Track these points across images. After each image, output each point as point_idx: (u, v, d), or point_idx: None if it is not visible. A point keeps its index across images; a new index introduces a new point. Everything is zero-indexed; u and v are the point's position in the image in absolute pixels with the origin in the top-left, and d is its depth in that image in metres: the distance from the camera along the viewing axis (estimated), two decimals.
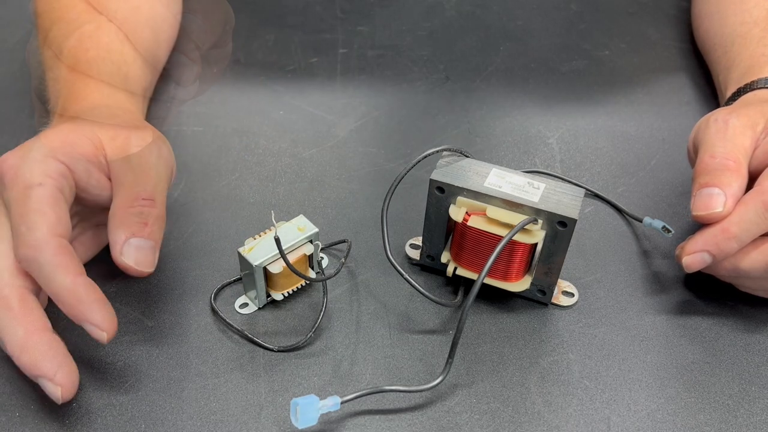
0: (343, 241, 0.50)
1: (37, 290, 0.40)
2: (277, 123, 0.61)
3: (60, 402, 0.37)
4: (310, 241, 0.45)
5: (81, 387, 0.41)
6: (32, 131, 0.59)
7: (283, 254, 0.40)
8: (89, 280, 0.38)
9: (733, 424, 0.41)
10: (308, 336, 0.44)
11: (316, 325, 0.44)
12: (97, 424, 0.39)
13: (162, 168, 0.43)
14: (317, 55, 0.69)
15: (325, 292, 0.45)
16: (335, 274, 0.45)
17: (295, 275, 0.43)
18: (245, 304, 0.46)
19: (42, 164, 0.39)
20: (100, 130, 0.43)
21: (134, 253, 0.39)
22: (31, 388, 0.41)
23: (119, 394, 0.41)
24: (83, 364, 0.42)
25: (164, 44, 0.63)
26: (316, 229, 0.45)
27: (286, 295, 0.46)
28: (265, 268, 0.43)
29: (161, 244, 0.41)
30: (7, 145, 0.57)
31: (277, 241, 0.39)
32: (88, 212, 0.45)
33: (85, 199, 0.42)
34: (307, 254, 0.45)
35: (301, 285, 0.47)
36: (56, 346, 0.37)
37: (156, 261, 0.40)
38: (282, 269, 0.43)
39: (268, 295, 0.46)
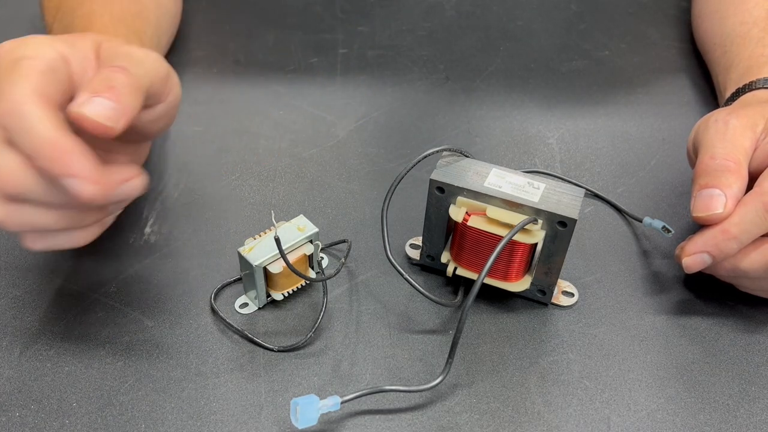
0: (343, 241, 0.50)
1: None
2: (277, 123, 0.61)
3: (94, 201, 0.35)
4: (310, 241, 0.45)
5: (81, 387, 0.41)
6: None
7: (283, 254, 0.40)
8: (75, 136, 0.35)
9: (733, 424, 0.41)
10: (308, 336, 0.44)
11: (316, 325, 0.44)
12: (97, 424, 0.39)
13: (150, 61, 0.40)
14: (317, 55, 0.69)
15: (325, 292, 0.45)
16: (335, 274, 0.45)
17: (295, 275, 0.43)
18: (245, 304, 0.46)
19: (38, 46, 0.37)
20: (100, 36, 0.40)
21: (94, 107, 0.35)
22: (31, 388, 0.41)
23: (119, 394, 0.41)
24: (83, 365, 0.42)
25: (165, 34, 0.63)
26: (316, 229, 0.45)
27: (286, 295, 0.46)
28: (265, 268, 0.43)
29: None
30: None
31: (277, 241, 0.39)
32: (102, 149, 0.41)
33: None
34: (307, 254, 0.45)
35: (301, 285, 0.47)
36: (84, 148, 0.35)
37: (122, 125, 0.35)
38: (282, 269, 0.43)
39: (268, 295, 0.46)
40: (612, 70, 0.69)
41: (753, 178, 0.44)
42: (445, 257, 0.47)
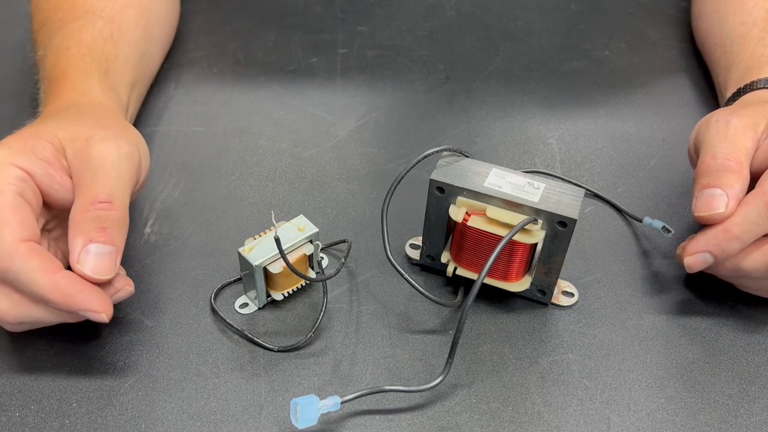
0: (343, 241, 0.50)
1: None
2: (277, 123, 0.61)
3: (104, 322, 0.38)
4: (310, 241, 0.45)
5: (81, 387, 0.41)
6: None
7: (283, 254, 0.40)
8: (68, 272, 0.37)
9: (733, 424, 0.41)
10: (308, 336, 0.44)
11: (316, 325, 0.44)
12: (97, 424, 0.39)
13: (124, 167, 0.41)
14: (317, 55, 0.69)
15: (325, 292, 0.45)
16: (335, 274, 0.45)
17: (295, 275, 0.43)
18: (245, 304, 0.46)
19: (0, 172, 0.39)
20: (60, 132, 0.41)
21: (92, 260, 0.38)
22: (30, 388, 0.41)
23: (119, 394, 0.41)
24: (83, 365, 0.42)
25: (157, 40, 0.63)
26: (316, 229, 0.45)
27: (286, 295, 0.46)
28: (265, 268, 0.43)
29: (124, 248, 0.40)
30: None
31: (277, 241, 0.39)
32: (65, 215, 0.43)
33: (52, 203, 0.41)
34: (307, 254, 0.45)
35: (301, 285, 0.47)
36: (81, 280, 0.38)
37: (116, 266, 0.39)
38: (282, 269, 0.43)
39: (268, 295, 0.46)
40: (612, 70, 0.69)
41: (754, 178, 0.44)
42: (445, 257, 0.47)
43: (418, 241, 0.50)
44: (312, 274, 0.46)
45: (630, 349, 0.45)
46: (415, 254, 0.50)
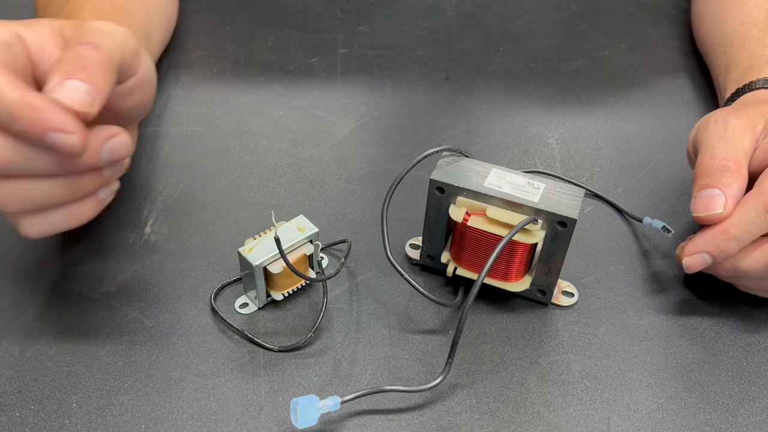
0: (343, 241, 0.50)
1: None
2: (277, 123, 0.61)
3: (79, 149, 0.34)
4: (310, 241, 0.45)
5: (81, 387, 0.41)
6: None
7: (283, 254, 0.40)
8: (43, 93, 0.34)
9: (733, 424, 0.41)
10: (308, 336, 0.44)
11: (316, 325, 0.44)
12: (97, 424, 0.39)
13: (119, 33, 0.38)
14: (317, 55, 0.69)
15: (325, 292, 0.45)
16: (335, 274, 0.45)
17: (295, 275, 0.43)
18: (245, 304, 0.46)
19: None
20: (62, 21, 0.39)
21: (67, 92, 0.34)
22: (30, 388, 0.41)
23: (119, 394, 0.41)
24: (83, 365, 0.42)
25: (158, 28, 0.62)
26: (316, 229, 0.45)
27: (286, 295, 0.46)
28: (265, 268, 0.43)
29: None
30: None
31: (277, 241, 0.39)
32: None
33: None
34: (307, 254, 0.45)
35: (301, 285, 0.47)
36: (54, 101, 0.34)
37: (97, 107, 0.35)
38: (282, 269, 0.43)
39: (268, 295, 0.46)
40: (612, 70, 0.69)
41: (753, 178, 0.44)
42: (445, 257, 0.47)
43: (418, 241, 0.50)
44: (312, 274, 0.46)
45: (630, 349, 0.45)
46: (415, 254, 0.50)
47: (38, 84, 0.39)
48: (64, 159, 0.35)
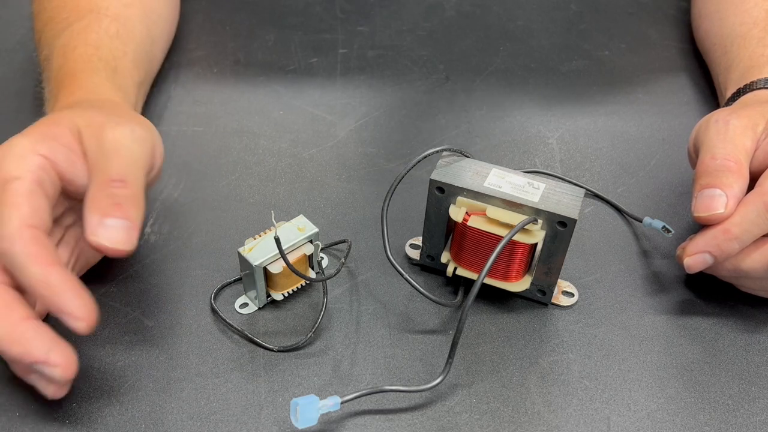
0: (343, 241, 0.50)
1: (19, 285, 0.38)
2: (277, 123, 0.61)
3: (62, 382, 0.37)
4: (310, 241, 0.45)
5: (81, 387, 0.41)
6: None
7: (283, 254, 0.40)
8: (64, 270, 0.37)
9: (733, 424, 0.41)
10: (308, 336, 0.44)
11: (316, 325, 0.44)
12: (97, 424, 0.39)
13: (137, 149, 0.42)
14: (317, 55, 0.69)
15: (325, 292, 0.45)
16: (335, 274, 0.45)
17: (295, 275, 0.43)
18: (245, 304, 0.46)
19: (21, 159, 0.39)
20: (77, 118, 0.42)
21: (107, 232, 0.37)
22: (31, 388, 0.41)
23: (119, 394, 0.41)
24: (83, 365, 0.42)
25: (159, 40, 0.63)
26: (316, 229, 0.45)
27: (286, 295, 0.46)
28: (265, 268, 0.43)
29: (143, 227, 0.39)
30: None
31: (277, 241, 0.39)
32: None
33: (73, 191, 0.41)
34: (307, 254, 0.45)
35: (301, 285, 0.47)
36: (43, 332, 0.36)
37: (135, 241, 0.38)
38: (282, 269, 0.43)
39: (268, 295, 0.46)
40: (612, 70, 0.69)
41: (754, 178, 0.44)
42: (445, 257, 0.47)
43: (418, 241, 0.50)
44: (312, 274, 0.46)
45: (630, 349, 0.45)
46: (415, 254, 0.50)
47: (69, 192, 0.41)
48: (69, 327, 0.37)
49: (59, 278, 0.36)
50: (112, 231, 0.38)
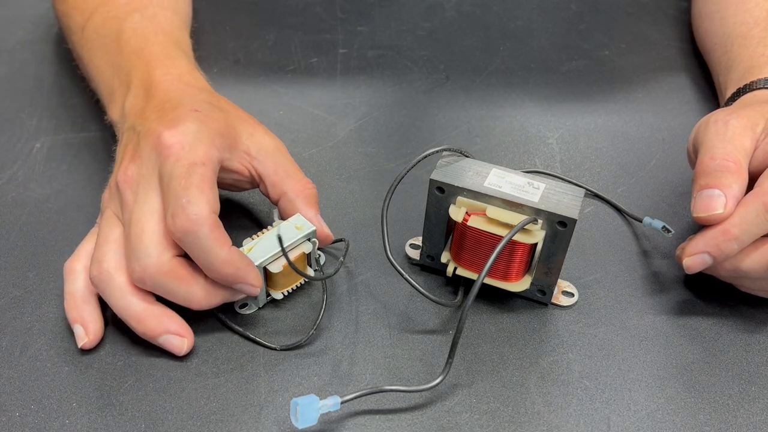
0: (341, 240, 0.50)
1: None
2: (277, 123, 0.61)
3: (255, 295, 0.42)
4: (309, 240, 0.45)
5: (81, 387, 0.41)
6: (32, 131, 0.59)
7: (285, 252, 0.40)
8: (236, 249, 0.41)
9: (733, 424, 0.41)
10: (310, 334, 0.44)
11: (317, 322, 0.44)
12: (97, 424, 0.39)
13: (285, 149, 0.48)
14: (317, 55, 0.69)
15: (324, 290, 0.45)
16: (334, 273, 0.45)
17: (294, 274, 0.43)
18: (245, 305, 0.46)
19: (206, 147, 0.42)
20: (234, 123, 0.46)
21: (320, 224, 0.47)
22: (30, 388, 0.41)
23: (119, 394, 0.41)
24: (83, 365, 0.42)
25: (186, 30, 0.63)
26: (314, 227, 0.45)
27: (286, 294, 0.46)
28: (264, 268, 0.43)
29: None
30: (7, 145, 0.58)
31: (279, 239, 0.39)
32: None
33: (219, 181, 0.44)
34: (306, 253, 0.45)
35: (301, 284, 0.47)
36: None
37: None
38: (282, 268, 0.43)
39: (268, 295, 0.46)
40: (612, 70, 0.69)
41: (753, 179, 0.44)
42: (445, 257, 0.47)
43: (418, 241, 0.50)
44: (311, 273, 0.46)
45: (630, 349, 0.45)
46: (415, 254, 0.50)
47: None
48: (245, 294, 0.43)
49: (239, 256, 0.41)
50: (320, 222, 0.47)
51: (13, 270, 0.48)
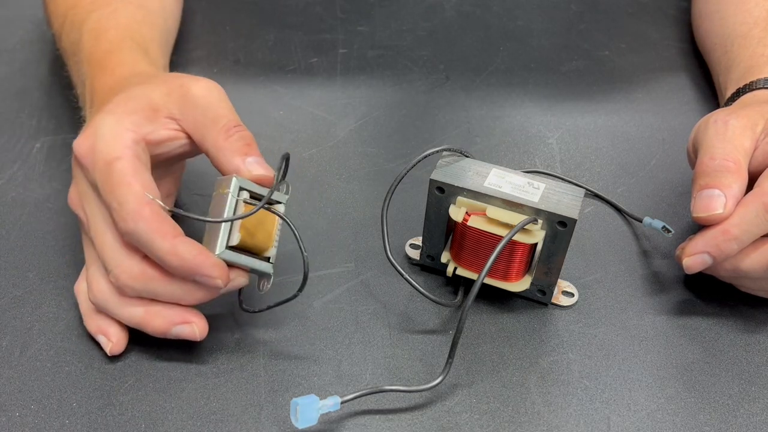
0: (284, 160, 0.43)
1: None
2: (277, 123, 0.61)
3: (221, 287, 0.40)
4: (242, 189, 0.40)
5: (81, 387, 0.41)
6: (32, 131, 0.59)
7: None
8: (188, 239, 0.38)
9: (733, 424, 0.41)
10: (305, 270, 0.40)
11: (302, 247, 0.40)
12: (97, 424, 0.39)
13: (224, 97, 0.44)
14: (317, 55, 0.69)
15: (290, 224, 0.41)
16: (287, 190, 0.42)
17: (262, 224, 0.39)
18: (262, 285, 0.42)
19: (114, 138, 0.40)
20: (151, 92, 0.43)
21: (258, 168, 0.41)
22: (30, 388, 0.41)
23: (119, 394, 0.41)
24: (83, 365, 0.42)
25: (173, 33, 0.63)
26: (234, 177, 0.40)
27: (276, 245, 0.42)
28: (232, 247, 0.39)
29: None
30: (7, 145, 0.58)
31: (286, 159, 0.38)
32: (162, 167, 0.45)
33: (160, 156, 0.43)
34: (250, 203, 0.40)
35: (278, 228, 0.42)
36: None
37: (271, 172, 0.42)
38: (240, 234, 0.39)
39: (269, 260, 0.42)
40: (612, 70, 0.69)
41: (753, 179, 0.44)
42: (445, 257, 0.47)
43: (418, 241, 0.50)
44: (281, 209, 0.42)
45: (630, 349, 0.45)
46: (415, 254, 0.50)
47: (157, 153, 0.43)
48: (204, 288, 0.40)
49: (186, 247, 0.38)
50: (260, 167, 0.41)
51: (13, 270, 0.48)
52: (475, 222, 0.43)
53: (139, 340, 0.44)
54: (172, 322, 0.41)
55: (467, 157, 0.46)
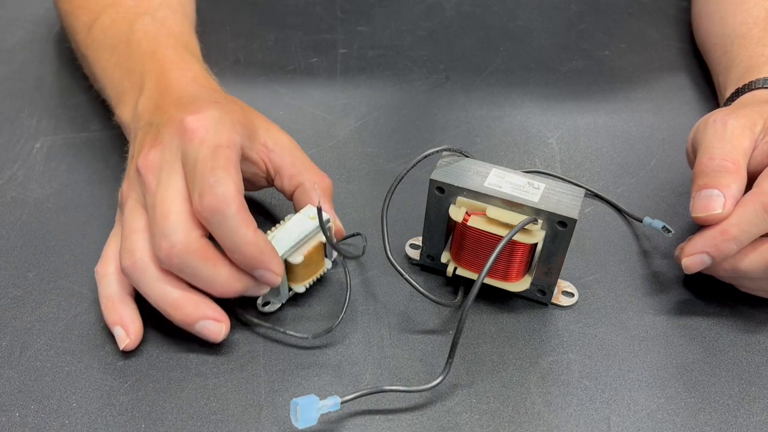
0: (355, 235, 0.50)
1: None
2: (277, 123, 0.61)
3: (221, 338, 0.42)
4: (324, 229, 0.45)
5: (81, 387, 0.41)
6: (32, 131, 0.59)
7: (323, 226, 0.40)
8: (263, 234, 0.41)
9: (733, 424, 0.41)
10: (341, 317, 0.44)
11: (345, 305, 0.44)
12: (97, 424, 0.39)
13: (299, 146, 0.49)
14: (317, 55, 0.69)
15: (347, 273, 0.46)
16: (363, 254, 0.46)
17: (314, 264, 0.43)
18: (267, 303, 0.45)
19: (230, 132, 0.42)
20: (255, 119, 0.47)
21: (338, 219, 0.47)
22: (30, 388, 0.41)
23: (119, 394, 0.41)
24: (83, 365, 0.42)
25: (195, 33, 0.63)
26: (328, 216, 0.45)
27: (308, 286, 0.45)
28: (285, 260, 0.43)
29: None
30: (7, 145, 0.58)
31: (319, 211, 0.40)
32: None
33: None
34: (323, 242, 0.45)
35: (321, 275, 0.46)
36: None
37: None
38: (303, 258, 0.43)
39: (290, 290, 0.45)
40: (612, 70, 0.69)
41: (752, 179, 0.44)
42: (445, 257, 0.47)
43: (418, 241, 0.50)
44: (329, 264, 0.46)
45: (630, 349, 0.45)
46: (415, 254, 0.50)
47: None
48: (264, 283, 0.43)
49: (264, 240, 0.40)
50: (337, 221, 0.47)
51: (13, 270, 0.48)
52: (475, 222, 0.43)
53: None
54: (204, 315, 0.41)
55: (467, 157, 0.46)
